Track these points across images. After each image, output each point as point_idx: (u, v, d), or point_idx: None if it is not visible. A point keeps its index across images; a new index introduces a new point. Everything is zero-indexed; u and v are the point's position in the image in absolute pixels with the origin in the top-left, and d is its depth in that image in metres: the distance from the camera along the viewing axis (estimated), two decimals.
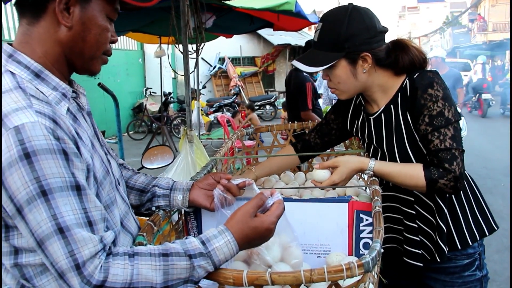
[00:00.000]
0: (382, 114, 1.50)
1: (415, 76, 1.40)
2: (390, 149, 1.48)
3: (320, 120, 4.78)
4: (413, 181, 1.36)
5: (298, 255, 1.13)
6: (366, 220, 1.24)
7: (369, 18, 1.38)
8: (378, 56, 1.41)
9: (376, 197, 1.24)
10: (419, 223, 1.49)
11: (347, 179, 1.43)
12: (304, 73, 4.44)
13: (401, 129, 1.45)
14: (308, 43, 3.94)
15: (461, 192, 1.49)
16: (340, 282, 0.91)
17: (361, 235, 1.25)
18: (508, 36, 23.42)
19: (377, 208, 1.17)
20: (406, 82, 1.43)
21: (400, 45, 1.46)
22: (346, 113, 1.69)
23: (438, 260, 1.47)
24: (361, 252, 1.25)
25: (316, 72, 7.17)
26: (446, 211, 1.47)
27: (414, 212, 1.50)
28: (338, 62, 1.40)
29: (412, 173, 1.36)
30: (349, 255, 1.26)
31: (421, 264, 1.48)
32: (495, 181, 5.89)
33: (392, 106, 1.47)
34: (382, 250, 0.97)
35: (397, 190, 1.53)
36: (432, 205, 1.47)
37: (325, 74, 1.47)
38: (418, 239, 1.49)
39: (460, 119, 1.37)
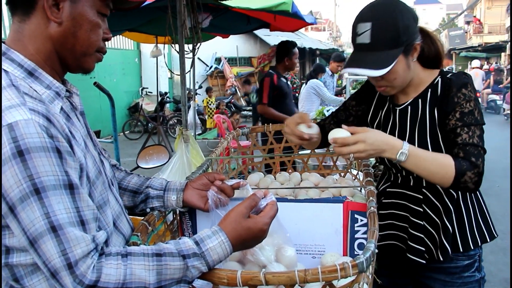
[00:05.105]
0: (409, 107, 1.49)
1: (449, 75, 1.42)
2: (411, 142, 1.41)
3: (277, 115, 4.56)
4: (443, 170, 1.30)
5: (292, 255, 1.13)
6: (361, 220, 1.24)
7: (408, 6, 1.38)
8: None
9: (371, 198, 1.24)
10: (424, 222, 1.49)
11: (367, 157, 1.31)
12: (270, 71, 4.43)
13: (426, 125, 1.44)
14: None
15: (467, 196, 1.50)
16: (334, 282, 0.92)
17: (356, 236, 1.25)
18: (504, 38, 23.57)
19: (372, 208, 1.17)
20: (438, 80, 1.45)
21: (424, 34, 1.46)
22: (370, 102, 1.64)
23: (442, 259, 1.47)
24: (355, 253, 1.25)
25: (321, 74, 6.75)
26: (453, 212, 1.47)
27: (421, 210, 1.49)
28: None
29: (443, 161, 1.31)
30: (343, 255, 1.26)
31: (424, 261, 1.48)
32: (490, 183, 5.91)
33: (420, 100, 1.47)
34: (377, 251, 0.97)
35: (405, 187, 1.53)
36: (439, 205, 1.48)
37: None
38: (423, 236, 1.49)
39: (484, 124, 1.39)
